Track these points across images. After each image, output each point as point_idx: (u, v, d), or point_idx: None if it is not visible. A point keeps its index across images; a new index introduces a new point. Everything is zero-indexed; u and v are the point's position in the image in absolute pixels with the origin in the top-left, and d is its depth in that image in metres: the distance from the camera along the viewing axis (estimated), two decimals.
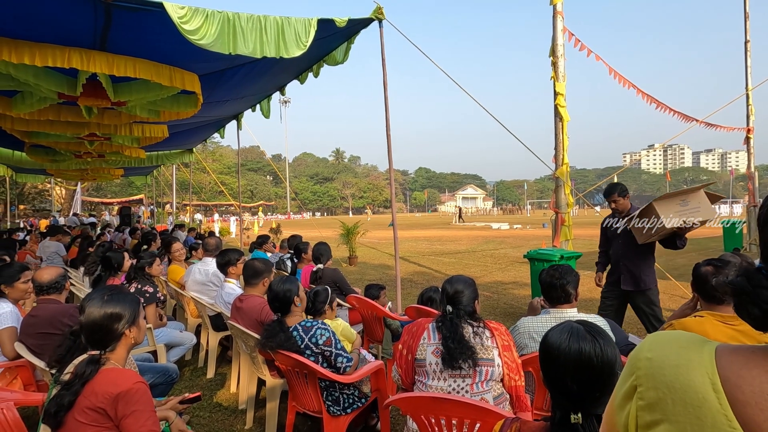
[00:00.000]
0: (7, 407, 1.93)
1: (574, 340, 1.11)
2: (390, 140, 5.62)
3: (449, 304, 1.99)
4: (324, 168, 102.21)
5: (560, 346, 1.11)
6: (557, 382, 1.11)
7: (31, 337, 2.71)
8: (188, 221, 20.75)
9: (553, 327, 1.20)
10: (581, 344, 1.10)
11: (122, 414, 1.46)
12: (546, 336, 1.18)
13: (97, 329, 1.60)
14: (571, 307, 2.24)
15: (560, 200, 5.71)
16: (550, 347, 1.14)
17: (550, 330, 1.19)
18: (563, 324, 1.18)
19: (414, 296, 7.18)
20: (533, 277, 5.51)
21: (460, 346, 1.87)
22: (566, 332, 1.14)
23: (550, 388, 1.15)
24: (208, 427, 3.11)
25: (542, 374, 1.18)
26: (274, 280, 2.62)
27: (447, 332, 1.91)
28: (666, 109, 6.77)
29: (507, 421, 1.26)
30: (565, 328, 1.16)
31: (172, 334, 3.89)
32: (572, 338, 1.11)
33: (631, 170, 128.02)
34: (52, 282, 2.82)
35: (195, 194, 28.45)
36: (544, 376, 1.16)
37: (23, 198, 28.63)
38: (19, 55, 3.84)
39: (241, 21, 4.04)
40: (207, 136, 12.20)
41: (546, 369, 1.15)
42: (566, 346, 1.11)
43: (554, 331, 1.17)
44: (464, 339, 1.89)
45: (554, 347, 1.13)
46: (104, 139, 7.35)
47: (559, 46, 5.65)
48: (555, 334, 1.16)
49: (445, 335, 1.91)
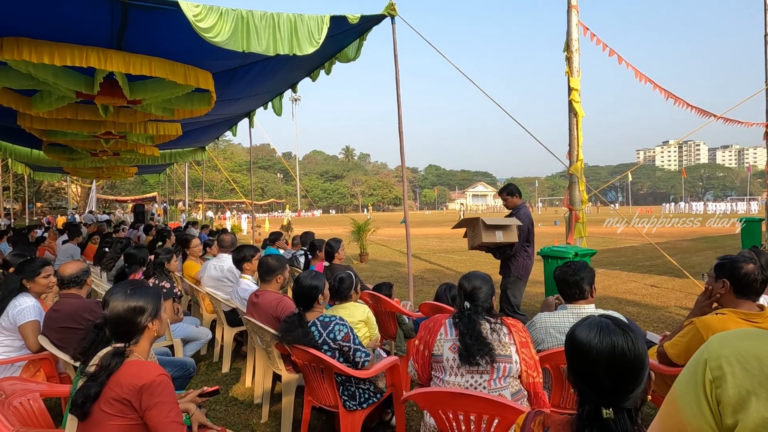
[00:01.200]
0: (33, 398, 1.99)
1: (605, 334, 1.09)
2: (402, 137, 5.61)
3: (467, 300, 1.99)
4: (334, 165, 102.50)
5: (591, 341, 1.09)
6: (587, 377, 1.09)
7: (54, 330, 2.77)
8: (200, 218, 21.00)
9: (579, 322, 1.17)
10: (613, 338, 1.08)
11: (146, 405, 1.49)
12: (573, 332, 1.15)
13: (122, 322, 1.63)
14: (588, 303, 2.22)
15: (574, 197, 5.65)
16: (579, 342, 1.12)
17: (576, 326, 1.17)
18: (589, 319, 1.16)
19: (426, 293, 7.18)
20: (547, 275, 5.46)
21: (477, 343, 1.86)
22: (595, 327, 1.12)
23: (577, 383, 1.13)
24: (224, 420, 3.16)
25: (569, 369, 1.15)
26: (302, 274, 2.64)
27: (464, 328, 1.90)
28: (683, 104, 6.64)
29: (530, 414, 1.25)
30: (593, 323, 1.13)
31: (189, 329, 3.95)
32: (603, 332, 1.10)
33: (645, 167, 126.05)
34: (73, 276, 2.88)
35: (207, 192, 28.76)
36: (572, 371, 1.14)
37: (40, 196, 29.24)
38: (38, 55, 3.92)
39: (254, 19, 4.07)
40: (219, 134, 12.31)
41: (575, 364, 1.12)
42: (598, 341, 1.09)
43: (581, 326, 1.15)
44: (482, 335, 1.88)
45: (584, 342, 1.10)
46: (120, 137, 7.47)
47: (574, 41, 5.57)
48: (583, 330, 1.13)
49: (463, 331, 1.90)
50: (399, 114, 5.57)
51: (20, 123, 6.17)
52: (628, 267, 9.65)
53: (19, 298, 2.86)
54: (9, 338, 2.84)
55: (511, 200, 4.58)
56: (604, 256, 11.14)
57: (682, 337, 2.13)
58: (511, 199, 4.59)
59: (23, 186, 21.76)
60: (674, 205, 57.12)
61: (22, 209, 23.58)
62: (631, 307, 6.13)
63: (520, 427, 1.24)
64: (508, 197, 4.61)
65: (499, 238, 4.24)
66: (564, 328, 2.21)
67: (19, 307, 2.82)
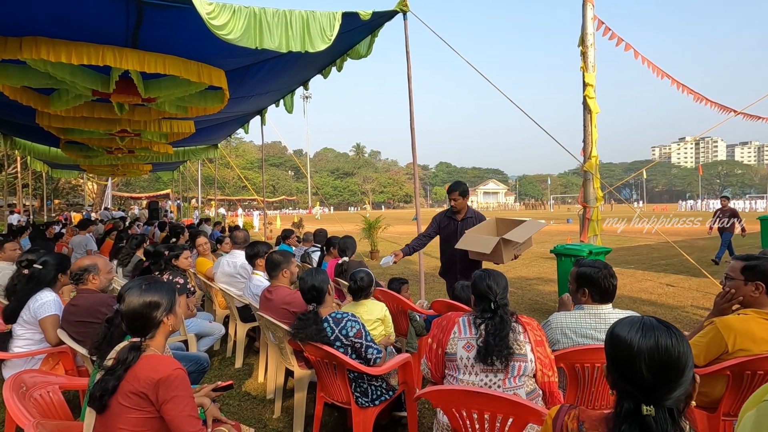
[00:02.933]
0: (53, 390, 2.03)
1: (649, 330, 1.08)
2: (414, 134, 5.59)
3: (496, 300, 1.95)
4: (344, 163, 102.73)
5: (633, 336, 1.08)
6: (629, 373, 1.07)
7: (72, 324, 2.82)
8: (213, 215, 21.24)
9: (619, 321, 1.16)
10: (657, 334, 1.07)
11: (163, 399, 1.51)
12: (614, 329, 1.14)
13: (138, 317, 1.65)
14: (606, 303, 2.18)
15: (588, 194, 5.57)
16: (621, 338, 1.10)
17: (616, 324, 1.16)
18: (630, 318, 1.15)
19: (437, 291, 7.16)
20: (560, 273, 5.40)
21: (501, 344, 1.84)
22: (637, 324, 1.11)
23: (617, 381, 1.11)
24: (237, 415, 3.19)
25: (609, 367, 1.14)
26: (305, 271, 2.65)
27: (493, 329, 1.88)
28: (702, 99, 6.48)
29: (563, 407, 1.23)
30: (635, 321, 1.12)
31: (202, 325, 3.99)
32: (646, 329, 1.08)
33: (661, 164, 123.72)
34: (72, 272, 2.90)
35: (219, 189, 29.11)
36: (613, 367, 1.12)
37: (58, 193, 29.85)
38: (56, 54, 3.98)
39: (267, 16, 4.08)
40: (232, 131, 12.41)
41: (616, 360, 1.11)
42: (641, 336, 1.07)
43: (623, 323, 1.14)
44: (508, 337, 1.86)
45: (626, 338, 1.09)
46: (134, 135, 7.57)
47: (589, 36, 5.48)
48: (624, 327, 1.12)
49: (490, 331, 1.87)
50: (411, 110, 5.55)
51: (39, 121, 6.29)
52: (643, 266, 9.50)
53: (41, 292, 2.92)
54: (30, 331, 2.90)
55: (461, 201, 4.10)
56: (618, 254, 10.97)
57: (702, 338, 2.08)
58: (462, 200, 4.10)
59: (42, 183, 22.25)
60: (691, 202, 56.02)
61: (40, 206, 24.11)
62: (647, 307, 6.03)
63: (552, 418, 1.22)
64: (459, 197, 4.09)
65: (518, 252, 3.71)
66: (581, 330, 2.17)
67: (40, 301, 2.88)
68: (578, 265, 2.24)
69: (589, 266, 2.18)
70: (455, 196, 4.10)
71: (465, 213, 4.15)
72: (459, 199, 4.10)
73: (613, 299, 2.19)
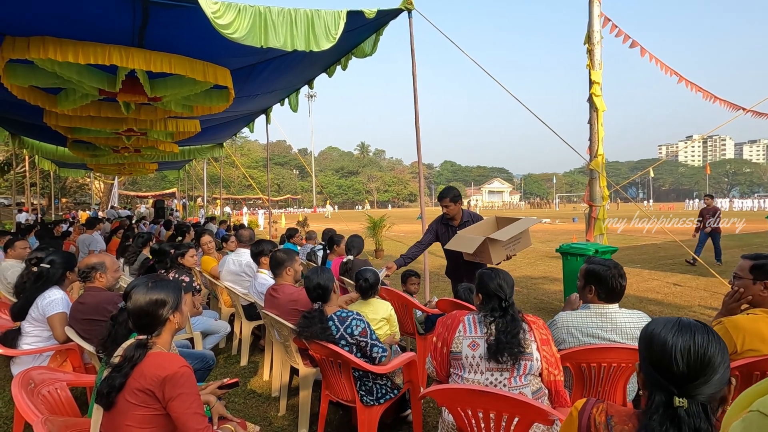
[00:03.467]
0: (60, 387, 2.05)
1: (686, 326, 1.09)
2: (419, 133, 5.58)
3: (507, 298, 1.95)
4: (349, 162, 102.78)
5: (669, 331, 1.09)
6: (662, 364, 1.07)
7: (79, 322, 2.85)
8: (218, 214, 21.34)
9: (655, 319, 1.17)
10: (695, 329, 1.08)
11: (169, 396, 1.52)
12: (650, 325, 1.15)
13: (144, 314, 1.66)
14: (612, 303, 2.16)
15: (595, 193, 5.53)
16: (657, 334, 1.11)
17: (652, 321, 1.17)
18: (666, 317, 1.16)
19: (442, 290, 7.15)
20: (565, 272, 5.37)
21: (514, 341, 1.84)
22: (674, 321, 1.12)
23: (650, 374, 1.11)
24: (243, 413, 3.20)
25: (643, 363, 1.14)
26: (310, 270, 2.65)
27: (504, 327, 1.87)
28: (711, 97, 6.41)
29: (590, 401, 1.23)
30: (671, 319, 1.13)
31: (208, 323, 4.01)
32: (683, 325, 1.09)
33: (668, 163, 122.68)
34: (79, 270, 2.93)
35: (224, 188, 29.21)
36: (648, 361, 1.12)
37: (65, 191, 30.10)
38: (63, 53, 4.01)
39: (272, 15, 4.08)
40: (237, 130, 12.46)
41: (651, 352, 1.11)
42: (677, 330, 1.08)
43: (658, 321, 1.15)
44: (519, 335, 1.86)
45: (663, 333, 1.09)
46: (140, 134, 7.62)
47: (596, 33, 5.43)
48: (660, 323, 1.13)
49: (501, 329, 1.87)
50: (416, 109, 5.53)
51: (46, 120, 6.34)
52: (649, 265, 9.43)
53: (49, 290, 2.95)
54: (38, 329, 2.93)
55: (453, 207, 3.85)
56: (624, 253, 10.90)
57: None
58: (454, 206, 3.85)
59: (49, 182, 22.45)
60: (698, 201, 55.46)
61: (48, 204, 24.33)
62: (653, 306, 5.98)
63: (578, 410, 1.22)
64: (451, 204, 3.84)
65: (511, 252, 3.50)
66: (587, 329, 2.16)
67: (48, 298, 2.90)
68: (589, 262, 2.23)
69: (599, 264, 2.17)
70: (446, 203, 3.85)
71: (461, 218, 3.93)
72: (450, 205, 3.84)
73: (620, 299, 2.17)
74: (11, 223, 15.56)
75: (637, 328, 2.12)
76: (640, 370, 1.15)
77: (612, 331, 2.13)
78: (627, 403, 2.21)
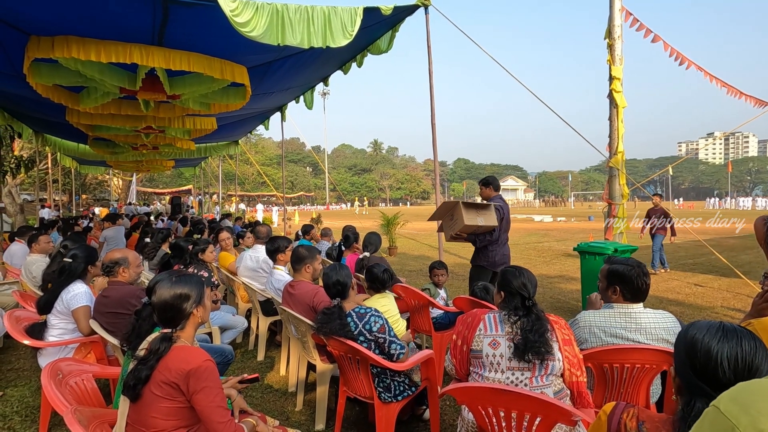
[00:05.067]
0: (87, 378, 2.09)
1: (731, 332, 1.05)
2: (435, 130, 5.55)
3: (530, 297, 1.93)
4: (362, 159, 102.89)
5: (714, 338, 1.05)
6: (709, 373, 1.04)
7: (103, 315, 2.91)
8: (233, 211, 21.59)
9: (693, 324, 1.12)
10: (740, 335, 1.04)
11: (193, 389, 1.54)
12: (689, 331, 1.10)
13: (168, 308, 1.69)
14: (637, 302, 2.11)
15: (614, 191, 5.43)
16: (700, 340, 1.06)
17: (691, 327, 1.12)
18: (705, 321, 1.12)
19: (456, 287, 7.11)
20: (584, 271, 5.29)
21: (542, 340, 1.82)
22: (716, 327, 1.08)
23: (691, 381, 1.07)
24: (261, 407, 3.23)
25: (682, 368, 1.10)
26: (329, 266, 2.66)
27: (530, 325, 1.85)
28: (737, 93, 6.22)
29: (619, 405, 1.20)
30: (713, 324, 1.09)
31: (226, 318, 4.06)
32: (728, 331, 1.06)
33: (688, 161, 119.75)
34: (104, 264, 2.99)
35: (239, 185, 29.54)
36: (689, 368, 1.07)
37: (86, 188, 30.80)
38: (86, 52, 4.09)
39: (289, 12, 4.10)
40: (252, 128, 12.56)
41: (693, 360, 1.06)
42: (722, 336, 1.05)
43: (698, 326, 1.10)
44: (546, 333, 1.84)
45: (707, 340, 1.05)
46: (159, 131, 7.75)
47: (616, 27, 5.32)
48: (701, 329, 1.08)
49: (527, 328, 1.85)
50: (432, 106, 5.50)
51: (68, 118, 6.49)
52: (669, 264, 9.23)
53: (73, 284, 3.02)
54: (63, 321, 3.01)
55: (485, 191, 4.77)
56: (644, 252, 10.67)
57: None
58: (485, 190, 4.77)
59: (70, 179, 23.01)
60: (719, 200, 54.05)
61: (69, 200, 24.93)
62: (674, 307, 5.86)
63: (607, 415, 1.19)
64: (483, 188, 4.82)
65: (481, 222, 4.25)
66: (611, 329, 2.12)
67: (72, 292, 2.98)
68: (610, 263, 2.18)
69: (621, 264, 2.12)
70: (480, 187, 4.89)
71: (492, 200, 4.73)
72: (482, 188, 4.82)
73: (645, 298, 2.13)
74: (35, 219, 16.00)
75: (662, 328, 2.08)
76: (676, 375, 1.11)
77: (636, 331, 2.08)
78: (650, 405, 2.16)
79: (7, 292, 4.85)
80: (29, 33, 4.05)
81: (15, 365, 4.07)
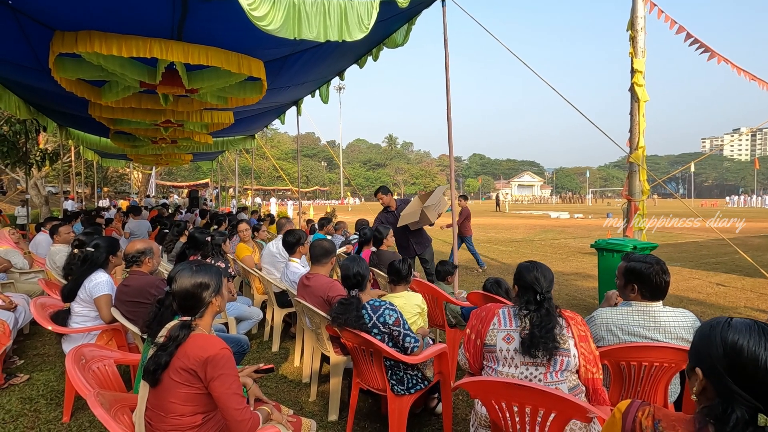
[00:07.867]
0: (108, 363, 2.16)
1: None
2: (450, 125, 5.49)
3: (543, 293, 1.90)
4: (377, 154, 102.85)
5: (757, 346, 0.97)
6: (751, 382, 0.96)
7: (124, 304, 3.00)
8: (249, 205, 21.87)
9: (726, 324, 1.04)
10: None
11: (211, 376, 1.58)
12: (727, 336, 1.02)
13: (189, 297, 1.73)
14: (656, 301, 2.07)
15: (634, 187, 5.31)
16: (739, 345, 0.99)
17: (728, 329, 1.03)
18: (741, 321, 1.04)
19: (470, 283, 7.08)
20: (600, 268, 5.20)
21: (549, 336, 1.79)
22: (757, 330, 1.00)
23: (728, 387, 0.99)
24: (275, 396, 3.29)
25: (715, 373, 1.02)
26: (348, 258, 2.68)
27: (539, 320, 1.83)
28: None
29: (635, 403, 1.15)
30: (751, 327, 1.01)
31: (242, 309, 4.13)
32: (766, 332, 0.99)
33: (712, 157, 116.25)
34: (129, 255, 3.07)
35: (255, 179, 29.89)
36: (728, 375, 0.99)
37: (107, 181, 31.56)
38: (108, 47, 4.18)
39: (305, 6, 4.10)
40: (268, 122, 12.65)
41: (733, 367, 0.99)
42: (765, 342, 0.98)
43: (736, 330, 1.02)
44: (554, 330, 1.82)
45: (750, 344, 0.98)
46: (177, 125, 7.87)
47: (639, 18, 5.17)
48: (741, 331, 1.00)
49: (535, 323, 1.83)
50: (448, 100, 5.45)
51: (91, 112, 6.65)
52: (690, 263, 9.01)
53: (95, 273, 3.11)
54: (86, 308, 3.10)
55: (385, 198, 5.54)
56: (663, 251, 10.45)
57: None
58: (385, 197, 5.55)
59: (92, 172, 23.61)
60: (743, 198, 52.36)
61: (91, 193, 25.60)
62: (695, 306, 5.72)
63: (621, 412, 1.14)
64: (383, 196, 5.54)
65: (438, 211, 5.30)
66: (628, 327, 2.08)
67: (94, 281, 3.07)
68: (627, 260, 2.13)
69: (639, 261, 2.07)
70: (380, 197, 5.68)
71: (395, 204, 5.66)
72: (383, 197, 5.63)
73: (664, 296, 2.08)
74: (59, 210, 16.49)
75: (682, 327, 2.03)
76: (704, 377, 1.03)
77: (655, 329, 2.04)
78: (668, 405, 2.12)
79: (33, 280, 5.02)
80: (54, 28, 4.15)
81: (41, 350, 4.22)
